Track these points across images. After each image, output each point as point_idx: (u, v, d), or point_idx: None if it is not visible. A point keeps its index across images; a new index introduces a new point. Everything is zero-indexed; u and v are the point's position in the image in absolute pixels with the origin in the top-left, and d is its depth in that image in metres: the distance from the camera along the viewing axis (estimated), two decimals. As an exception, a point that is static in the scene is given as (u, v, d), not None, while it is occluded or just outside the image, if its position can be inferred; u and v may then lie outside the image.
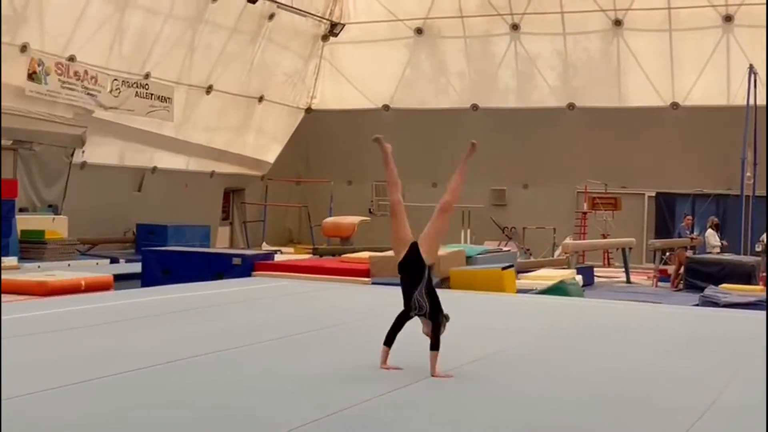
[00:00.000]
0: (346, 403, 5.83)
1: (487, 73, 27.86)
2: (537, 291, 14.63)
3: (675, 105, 25.76)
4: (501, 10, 27.19)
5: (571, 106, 26.79)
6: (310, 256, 21.05)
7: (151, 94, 23.01)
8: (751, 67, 22.14)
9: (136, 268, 16.61)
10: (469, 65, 28.09)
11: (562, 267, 19.09)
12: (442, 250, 15.84)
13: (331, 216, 25.79)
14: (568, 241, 22.42)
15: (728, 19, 24.96)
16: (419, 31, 28.33)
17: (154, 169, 24.36)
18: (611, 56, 26.38)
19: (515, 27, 27.21)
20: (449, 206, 7.16)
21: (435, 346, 6.69)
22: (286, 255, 21.38)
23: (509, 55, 27.48)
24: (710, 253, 19.96)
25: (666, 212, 26.14)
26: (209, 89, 25.38)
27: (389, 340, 6.88)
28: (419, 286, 6.73)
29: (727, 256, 19.10)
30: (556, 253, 22.51)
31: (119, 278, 14.97)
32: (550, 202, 26.36)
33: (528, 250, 25.03)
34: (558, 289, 14.51)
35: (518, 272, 16.26)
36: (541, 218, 25.65)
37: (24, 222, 19.19)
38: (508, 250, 21.02)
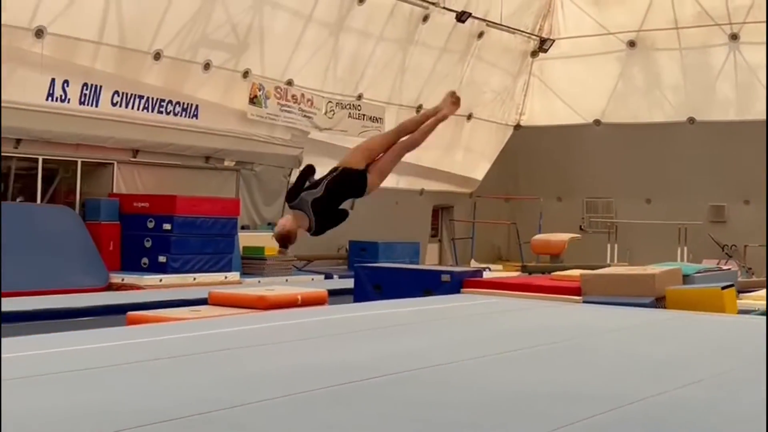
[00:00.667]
0: (564, 420, 5.75)
1: (704, 86, 26.86)
2: (760, 312, 13.90)
3: None
4: (719, 20, 26.16)
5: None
6: (519, 273, 20.88)
7: (364, 115, 23.60)
8: None
9: (349, 283, 16.95)
10: (685, 77, 27.17)
11: (787, 287, 18.05)
12: (658, 269, 15.36)
13: (540, 233, 25.54)
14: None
15: None
16: (632, 44, 27.69)
17: (367, 188, 24.90)
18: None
19: (734, 37, 26.10)
20: (411, 146, 6.68)
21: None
22: (494, 272, 21.35)
23: (728, 66, 26.38)
24: None
25: None
26: (419, 108, 25.74)
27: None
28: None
29: None
30: (781, 272, 21.32)
31: (333, 293, 15.32)
32: (773, 218, 25.03)
33: (750, 269, 23.85)
34: (783, 310, 13.74)
35: (739, 292, 15.50)
36: (764, 235, 24.37)
37: (245, 239, 20.04)
38: (728, 269, 20.06)
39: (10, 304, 13.21)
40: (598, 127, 28.28)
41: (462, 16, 24.43)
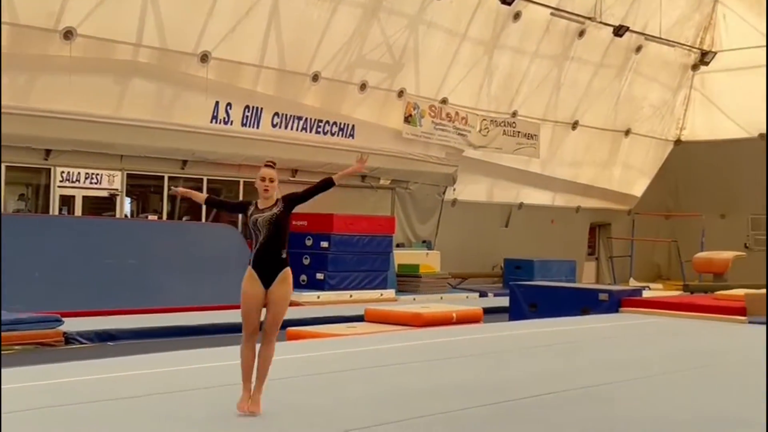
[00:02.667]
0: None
1: None
2: None
3: None
4: None
5: None
6: (680, 292, 20.32)
7: (518, 132, 23.45)
8: None
9: (504, 302, 16.86)
10: None
11: None
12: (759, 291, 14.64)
13: (702, 251, 24.75)
14: None
15: None
16: (799, 54, 26.53)
17: (521, 205, 24.78)
18: None
19: None
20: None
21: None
22: (654, 291, 20.82)
23: None
24: None
25: None
26: (575, 125, 25.45)
27: None
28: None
29: None
30: None
31: (488, 311, 15.20)
32: None
33: None
34: None
35: None
36: None
37: (401, 257, 20.19)
38: None
39: (178, 319, 13.78)
40: (762, 141, 27.24)
41: (619, 30, 24.01)
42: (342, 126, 19.81)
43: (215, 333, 12.98)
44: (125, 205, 17.35)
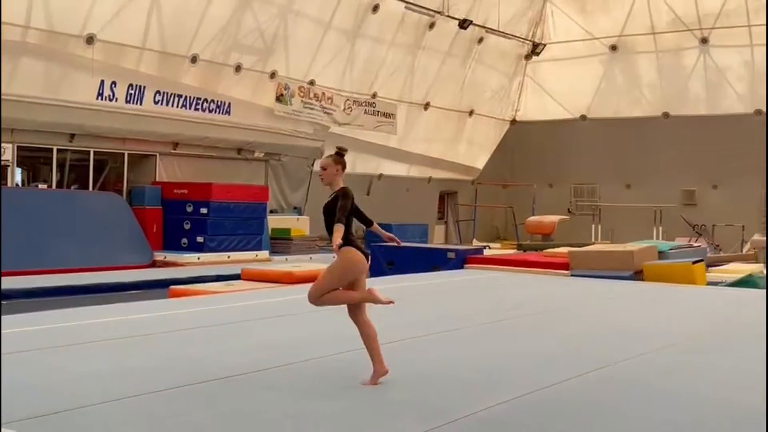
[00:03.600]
0: (556, 378, 5.74)
1: (677, 84, 26.70)
2: (726, 283, 13.86)
3: None
4: (690, 26, 26.01)
5: (758, 112, 25.18)
6: (515, 251, 20.87)
7: (378, 111, 23.53)
8: None
9: (366, 260, 16.92)
10: (661, 77, 27.00)
11: (750, 262, 17.98)
12: (636, 246, 15.32)
13: (534, 215, 25.49)
14: (756, 237, 21.10)
15: None
16: (614, 47, 27.52)
17: (380, 176, 24.92)
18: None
19: (704, 41, 25.92)
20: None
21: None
22: (493, 250, 21.30)
23: (699, 67, 26.21)
24: None
25: None
26: (427, 106, 25.71)
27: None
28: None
29: None
30: (745, 248, 21.23)
31: (351, 269, 15.24)
32: (738, 201, 24.90)
33: (717, 246, 23.74)
34: (747, 282, 13.68)
35: (708, 266, 15.44)
36: (730, 216, 24.24)
37: (274, 222, 20.01)
38: (698, 246, 20.02)
39: (67, 279, 13.28)
40: (584, 121, 28.16)
41: (464, 24, 24.30)
42: (219, 104, 19.41)
43: (103, 292, 12.58)
44: (16, 176, 16.57)
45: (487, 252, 18.06)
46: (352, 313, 5.70)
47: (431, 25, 24.17)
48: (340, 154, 6.00)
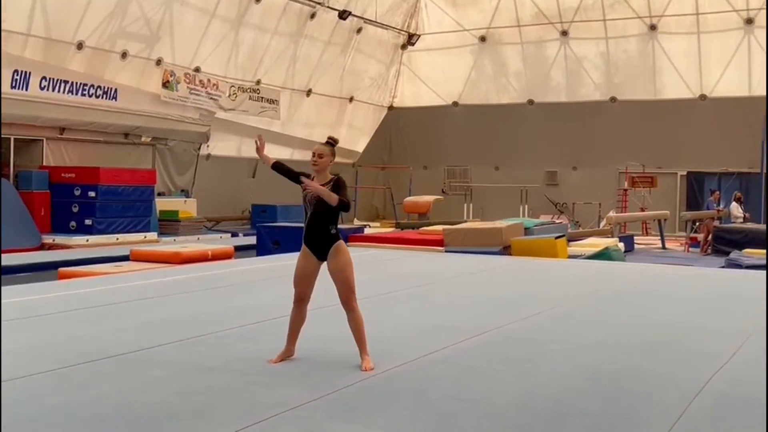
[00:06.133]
0: (436, 346, 5.87)
1: (540, 73, 27.45)
2: (585, 256, 14.45)
3: (703, 97, 25.04)
4: (552, 20, 26.76)
5: (613, 99, 26.25)
6: (394, 229, 21.10)
7: (262, 98, 23.26)
8: (770, 62, 21.33)
9: (252, 240, 16.78)
10: (526, 66, 27.71)
11: (606, 236, 18.80)
12: (504, 223, 15.75)
13: (410, 196, 25.81)
14: (611, 214, 22.03)
15: (749, 21, 24.13)
16: (483, 39, 28.04)
17: (265, 159, 24.64)
18: (647, 56, 25.73)
19: (564, 33, 26.75)
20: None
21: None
22: (373, 228, 21.47)
23: (560, 57, 27.04)
24: (734, 222, 19.42)
25: (696, 188, 25.45)
26: (309, 92, 25.58)
27: None
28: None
29: (749, 225, 18.58)
30: (602, 224, 22.13)
31: (239, 249, 15.13)
32: (595, 181, 25.93)
33: (577, 222, 24.66)
34: (603, 255, 14.32)
35: (569, 241, 16.06)
36: (589, 195, 25.22)
37: (162, 204, 19.57)
38: (560, 223, 20.76)
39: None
40: (456, 108, 28.61)
41: (343, 14, 24.25)
42: (106, 89, 18.75)
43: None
44: None
45: (367, 230, 18.20)
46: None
47: (312, 15, 24.02)
48: (333, 143, 5.77)
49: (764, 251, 14.93)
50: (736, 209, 19.79)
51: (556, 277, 11.12)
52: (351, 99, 27.69)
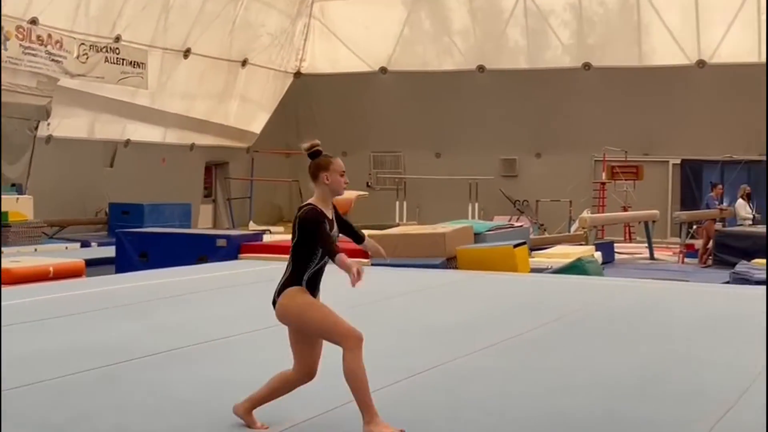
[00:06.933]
0: (342, 399, 5.84)
1: (494, 32, 27.73)
2: (552, 270, 14.64)
3: (701, 63, 25.68)
4: (509, -40, 27.07)
5: (587, 66, 26.69)
6: (302, 235, 20.98)
7: (123, 60, 22.91)
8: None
9: (110, 252, 16.60)
10: (474, 23, 27.97)
11: (579, 243, 19.10)
12: (448, 227, 15.85)
13: (324, 191, 25.74)
14: (585, 214, 22.41)
15: (760, -34, 24.82)
16: (419, -16, 28.20)
17: (128, 143, 24.34)
18: (631, 11, 26.21)
19: (524, -21, 27.08)
20: None
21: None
22: (275, 235, 21.38)
23: (518, 11, 27.31)
24: (741, 225, 19.93)
25: (692, 181, 26.10)
26: (187, 53, 25.28)
27: None
28: None
29: (760, 229, 19.06)
30: (573, 228, 22.50)
31: (91, 263, 14.97)
32: (565, 172, 26.31)
33: (542, 225, 25.03)
34: (575, 268, 14.52)
35: (531, 249, 16.26)
36: (556, 190, 25.61)
37: (-15, 203, 19.17)
38: (520, 226, 21.03)
39: None
40: (384, 75, 28.71)
41: (233, -50, 24.16)
42: None
43: None
44: None
45: (267, 238, 18.12)
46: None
47: (192, -50, 23.82)
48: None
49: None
50: (743, 208, 20.33)
51: (515, 298, 11.21)
52: (244, 62, 27.51)
